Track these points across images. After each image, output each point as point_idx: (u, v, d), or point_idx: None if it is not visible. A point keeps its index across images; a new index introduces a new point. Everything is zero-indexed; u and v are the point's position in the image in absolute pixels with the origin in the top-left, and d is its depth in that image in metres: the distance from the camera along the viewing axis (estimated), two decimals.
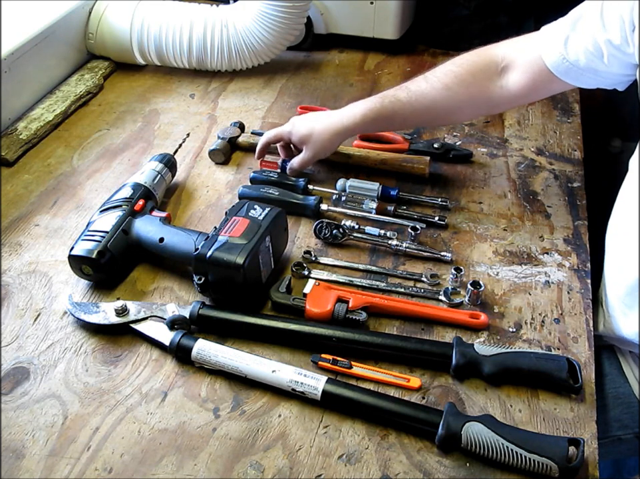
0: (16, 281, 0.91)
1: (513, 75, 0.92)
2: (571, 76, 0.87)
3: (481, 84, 0.94)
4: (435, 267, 0.93)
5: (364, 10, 1.39)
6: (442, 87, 0.95)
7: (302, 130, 1.02)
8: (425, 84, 0.96)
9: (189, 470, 0.69)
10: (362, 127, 0.99)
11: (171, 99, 1.32)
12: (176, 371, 0.79)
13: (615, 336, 0.90)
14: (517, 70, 0.92)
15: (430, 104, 0.96)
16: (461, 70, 0.95)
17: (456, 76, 0.94)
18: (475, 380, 0.77)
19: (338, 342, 0.80)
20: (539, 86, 0.92)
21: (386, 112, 0.96)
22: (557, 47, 0.86)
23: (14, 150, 1.14)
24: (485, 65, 0.94)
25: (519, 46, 0.93)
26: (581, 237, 0.97)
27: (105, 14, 1.35)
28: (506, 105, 1.04)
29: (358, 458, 0.70)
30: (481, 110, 1.04)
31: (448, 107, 0.97)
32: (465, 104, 0.97)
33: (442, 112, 0.99)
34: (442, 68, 0.97)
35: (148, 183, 0.99)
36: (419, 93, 0.96)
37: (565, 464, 0.65)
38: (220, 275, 0.82)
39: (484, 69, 0.94)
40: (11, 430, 0.73)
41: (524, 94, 0.94)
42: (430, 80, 0.96)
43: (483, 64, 0.94)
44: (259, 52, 1.33)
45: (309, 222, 1.00)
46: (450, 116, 1.02)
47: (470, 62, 0.95)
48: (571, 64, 0.85)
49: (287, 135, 1.04)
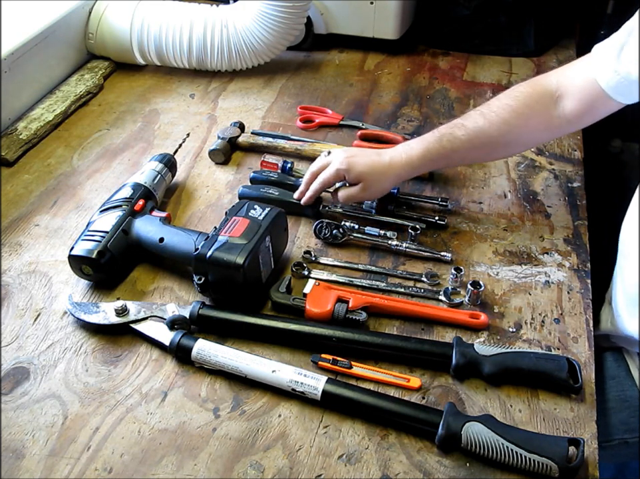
0: (16, 281, 0.91)
1: (568, 103, 0.91)
2: (626, 94, 0.85)
3: (539, 116, 0.93)
4: (435, 267, 0.93)
5: (364, 10, 1.39)
6: (501, 122, 0.93)
7: (359, 169, 0.94)
8: (483, 120, 0.93)
9: (189, 470, 0.69)
10: (420, 168, 0.97)
11: (171, 99, 1.32)
12: (176, 371, 0.79)
13: (623, 336, 0.90)
14: (572, 98, 0.90)
15: (489, 141, 0.94)
16: (518, 103, 0.93)
17: (514, 110, 0.92)
18: (475, 380, 0.77)
19: (338, 342, 0.80)
20: (593, 110, 0.90)
21: (445, 151, 0.94)
22: (611, 66, 0.84)
23: (14, 150, 1.14)
24: (541, 96, 0.93)
25: (571, 71, 0.92)
26: (581, 237, 0.97)
27: (105, 14, 1.35)
28: (563, 132, 1.03)
29: (358, 458, 0.70)
30: (538, 140, 1.03)
31: (507, 141, 0.96)
32: (523, 137, 0.95)
33: (501, 147, 0.97)
34: (497, 103, 0.95)
35: (148, 183, 0.99)
36: (477, 130, 0.93)
37: (565, 464, 0.65)
38: (220, 275, 0.82)
39: (540, 100, 0.93)
40: (11, 430, 0.73)
41: (581, 119, 0.93)
42: (488, 116, 0.94)
43: (538, 96, 0.93)
44: (259, 52, 1.33)
45: (309, 222, 1.00)
46: (508, 149, 1.00)
47: (525, 95, 0.94)
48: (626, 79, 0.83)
49: (343, 173, 0.95)
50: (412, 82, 1.38)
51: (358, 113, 1.27)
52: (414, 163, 0.94)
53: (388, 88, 1.36)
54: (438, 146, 0.94)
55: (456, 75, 1.40)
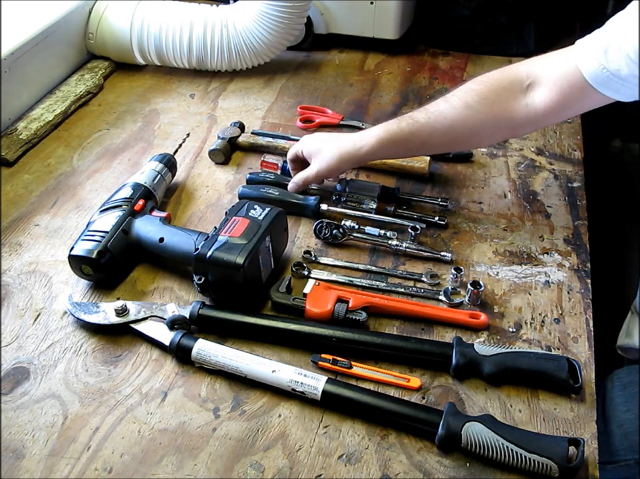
0: (16, 281, 0.91)
1: (540, 91, 0.87)
2: (612, 87, 0.81)
3: (505, 102, 0.89)
4: (435, 267, 0.93)
5: (364, 10, 1.39)
6: (463, 106, 0.90)
7: (312, 145, 0.97)
8: (444, 104, 0.91)
9: (189, 470, 0.69)
10: (376, 151, 0.93)
11: (171, 99, 1.32)
12: (176, 371, 0.79)
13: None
14: (546, 86, 0.86)
15: (450, 124, 0.91)
16: (482, 88, 0.90)
17: (477, 94, 0.89)
18: (475, 380, 0.77)
19: (338, 342, 0.80)
20: (570, 101, 0.86)
21: (402, 134, 0.91)
22: (595, 57, 0.80)
23: (14, 150, 1.14)
24: (509, 82, 0.89)
25: (548, 61, 0.89)
26: (581, 237, 0.97)
27: (105, 14, 1.35)
28: (530, 126, 0.96)
29: (358, 458, 0.70)
30: (502, 131, 0.96)
31: (469, 127, 0.91)
32: (486, 124, 0.91)
33: (462, 134, 0.93)
34: (462, 87, 0.92)
35: (148, 183, 0.99)
36: (438, 113, 0.91)
37: (565, 464, 0.65)
38: (220, 275, 0.82)
39: (508, 86, 0.89)
40: (11, 430, 0.73)
41: (551, 111, 0.88)
42: (450, 99, 0.91)
43: (507, 82, 0.89)
44: (259, 52, 1.33)
45: (309, 222, 1.00)
46: (470, 138, 0.95)
47: (492, 80, 0.90)
48: (612, 74, 0.79)
49: (299, 147, 0.99)
50: (412, 82, 1.38)
51: (358, 113, 1.27)
52: (370, 143, 0.93)
53: (388, 88, 1.36)
54: (395, 128, 0.92)
55: (456, 75, 1.40)
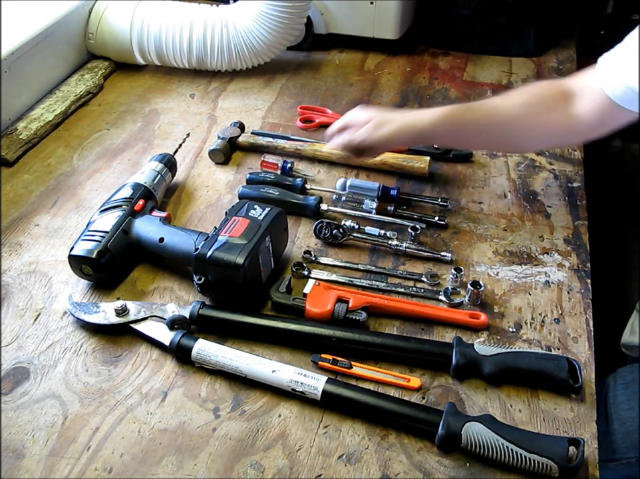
0: (16, 281, 0.91)
1: (581, 103, 0.90)
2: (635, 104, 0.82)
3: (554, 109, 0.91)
4: (435, 267, 0.93)
5: (364, 10, 1.39)
6: (515, 104, 0.93)
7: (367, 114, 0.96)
8: (499, 100, 0.95)
9: (189, 470, 0.69)
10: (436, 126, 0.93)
11: (171, 99, 1.32)
12: (176, 371, 0.79)
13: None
14: (585, 99, 0.89)
15: (503, 120, 0.94)
16: (530, 96, 0.94)
17: (531, 95, 0.94)
18: (475, 380, 0.77)
19: (338, 342, 0.80)
20: (606, 119, 0.89)
21: (462, 118, 0.93)
22: (617, 75, 0.83)
23: (14, 150, 1.14)
24: (553, 94, 0.93)
25: (581, 79, 0.91)
26: (581, 237, 0.97)
27: (105, 14, 1.35)
28: (579, 136, 0.98)
29: (358, 458, 0.70)
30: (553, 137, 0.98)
31: (520, 125, 0.94)
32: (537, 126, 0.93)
33: (514, 131, 0.95)
34: (513, 92, 0.95)
35: (148, 183, 0.99)
36: (492, 106, 0.94)
37: (565, 464, 0.65)
38: (220, 275, 0.82)
39: (553, 97, 0.92)
40: (11, 430, 0.73)
41: (594, 124, 0.90)
42: (504, 98, 0.94)
43: (550, 94, 0.93)
44: (259, 52, 1.33)
45: (309, 222, 1.00)
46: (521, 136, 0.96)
47: (540, 88, 0.94)
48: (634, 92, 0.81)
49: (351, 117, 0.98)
50: (412, 82, 1.38)
51: None
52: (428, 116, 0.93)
53: (388, 88, 1.36)
54: (456, 110, 0.94)
55: (456, 75, 1.40)
